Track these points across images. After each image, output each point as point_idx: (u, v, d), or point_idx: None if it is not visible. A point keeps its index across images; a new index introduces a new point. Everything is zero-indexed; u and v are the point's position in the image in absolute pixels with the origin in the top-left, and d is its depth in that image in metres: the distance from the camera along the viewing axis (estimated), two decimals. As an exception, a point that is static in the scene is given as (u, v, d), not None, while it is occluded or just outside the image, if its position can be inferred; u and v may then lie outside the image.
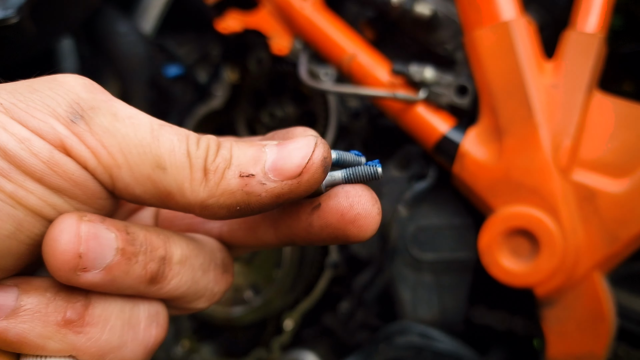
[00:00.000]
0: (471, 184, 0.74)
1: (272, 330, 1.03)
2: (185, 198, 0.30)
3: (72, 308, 0.30)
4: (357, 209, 0.31)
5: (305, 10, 0.86)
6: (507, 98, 0.71)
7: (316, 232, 0.32)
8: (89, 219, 0.29)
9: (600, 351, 0.69)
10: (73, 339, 0.30)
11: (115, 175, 0.29)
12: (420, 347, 0.79)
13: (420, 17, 0.79)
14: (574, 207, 0.69)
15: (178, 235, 0.34)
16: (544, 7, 0.80)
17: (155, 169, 0.29)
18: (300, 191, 0.30)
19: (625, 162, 0.68)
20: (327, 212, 0.31)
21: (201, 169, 0.29)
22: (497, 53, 0.71)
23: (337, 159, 0.32)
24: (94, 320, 0.30)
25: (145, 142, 0.29)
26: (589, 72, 0.69)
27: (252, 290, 0.99)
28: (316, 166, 0.29)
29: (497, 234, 0.71)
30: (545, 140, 0.69)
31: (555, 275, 0.69)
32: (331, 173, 0.32)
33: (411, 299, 0.83)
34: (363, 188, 0.32)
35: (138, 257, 0.30)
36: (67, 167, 0.28)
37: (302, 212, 0.33)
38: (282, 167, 0.29)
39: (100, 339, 0.30)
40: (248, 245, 0.38)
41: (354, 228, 0.31)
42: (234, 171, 0.30)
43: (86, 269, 0.28)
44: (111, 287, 0.30)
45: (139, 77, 0.91)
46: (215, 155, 0.30)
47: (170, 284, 0.32)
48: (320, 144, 0.30)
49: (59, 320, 0.29)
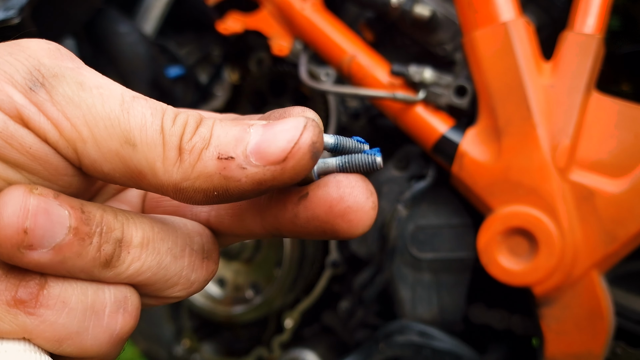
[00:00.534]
0: (470, 184, 0.74)
1: (273, 329, 1.04)
2: (158, 179, 0.27)
3: (25, 287, 0.27)
4: (348, 202, 0.28)
5: (306, 11, 0.86)
6: (505, 98, 0.71)
7: (302, 224, 0.29)
8: (40, 192, 0.26)
9: (598, 350, 0.69)
10: (25, 321, 0.27)
11: (80, 150, 0.27)
12: (419, 345, 0.79)
13: (419, 18, 0.80)
14: (572, 206, 0.69)
15: (142, 217, 0.31)
16: (542, 8, 0.80)
17: (124, 145, 0.26)
18: (284, 179, 0.27)
19: (623, 162, 0.68)
20: (315, 202, 0.28)
21: (175, 148, 0.27)
22: (495, 54, 0.71)
23: (335, 144, 0.29)
24: (50, 301, 0.28)
25: (114, 114, 0.26)
26: (587, 73, 0.69)
27: (252, 289, 1.00)
28: (302, 152, 0.26)
29: (496, 234, 0.71)
30: (544, 140, 0.69)
31: (553, 275, 0.69)
32: (324, 160, 0.29)
33: (410, 298, 0.83)
34: (357, 178, 0.28)
35: (92, 238, 0.27)
36: (24, 140, 0.26)
37: (289, 201, 0.30)
38: (265, 151, 0.26)
39: (57, 323, 0.28)
40: (235, 234, 0.36)
41: (343, 223, 0.28)
42: (212, 152, 0.27)
43: (32, 246, 0.26)
44: (61, 269, 0.27)
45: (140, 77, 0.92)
46: (193, 134, 0.27)
47: (129, 268, 0.29)
48: (310, 126, 0.26)
49: (9, 300, 0.27)
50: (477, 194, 0.74)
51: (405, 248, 0.83)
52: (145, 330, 1.14)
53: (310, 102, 0.97)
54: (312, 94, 0.95)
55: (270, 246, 0.98)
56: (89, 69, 0.29)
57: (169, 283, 0.32)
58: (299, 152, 0.26)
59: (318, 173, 0.29)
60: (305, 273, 0.96)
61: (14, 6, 0.64)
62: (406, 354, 0.80)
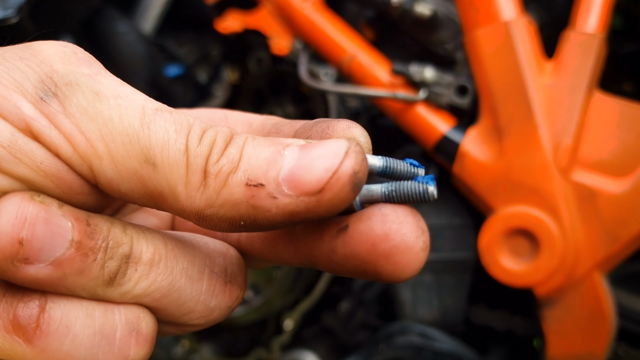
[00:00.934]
0: (471, 184, 0.74)
1: (272, 330, 1.03)
2: (179, 203, 0.24)
3: (24, 308, 0.24)
4: (394, 240, 0.24)
5: (305, 10, 0.86)
6: (507, 98, 0.71)
7: (339, 261, 0.26)
8: (41, 200, 0.23)
9: (600, 351, 0.69)
10: (25, 351, 0.24)
11: (96, 168, 0.24)
12: (420, 347, 0.79)
13: (420, 17, 0.79)
14: (574, 207, 0.69)
15: (155, 232, 0.28)
16: (544, 7, 0.80)
17: (143, 165, 0.24)
18: (320, 212, 0.23)
19: (625, 162, 0.68)
20: (355, 238, 0.25)
21: (200, 171, 0.24)
22: (497, 53, 0.71)
23: (383, 167, 0.25)
24: (51, 327, 0.24)
25: (132, 129, 0.24)
26: (589, 72, 0.69)
27: (252, 290, 0.99)
28: (342, 183, 0.23)
29: (497, 234, 0.71)
30: (546, 140, 0.69)
31: (555, 275, 0.69)
32: (368, 187, 0.25)
33: (411, 299, 0.83)
34: (407, 212, 0.25)
35: (97, 254, 0.24)
36: (34, 155, 0.23)
37: (326, 232, 0.26)
38: (299, 180, 0.23)
39: (60, 351, 0.24)
40: (266, 259, 0.32)
41: (388, 265, 0.24)
42: (241, 177, 0.24)
43: (28, 260, 0.23)
44: (60, 287, 0.24)
45: (139, 77, 0.91)
46: (220, 155, 0.24)
47: (136, 287, 0.26)
48: (353, 153, 0.23)
49: (6, 324, 0.24)
50: (478, 194, 0.74)
51: (405, 249, 0.82)
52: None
53: (310, 101, 0.96)
54: (312, 93, 0.95)
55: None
56: (108, 75, 0.26)
57: (185, 308, 0.28)
58: (337, 184, 0.23)
59: (361, 202, 0.26)
60: (305, 274, 0.95)
61: (12, 5, 0.63)
62: (407, 355, 0.80)
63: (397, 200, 0.25)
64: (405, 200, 0.25)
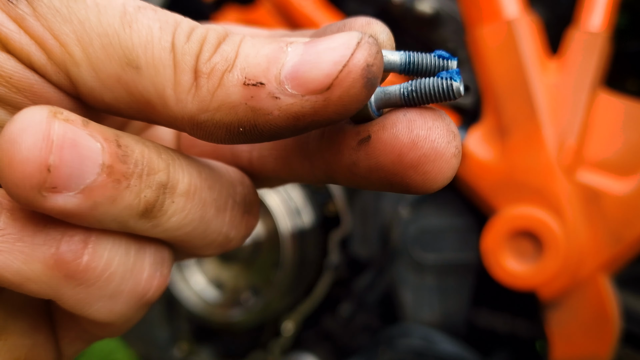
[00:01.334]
0: (474, 184, 0.73)
1: (272, 333, 1.03)
2: (169, 110, 0.22)
3: (69, 244, 0.22)
4: (423, 148, 0.21)
5: (305, 7, 0.85)
6: (510, 97, 0.70)
7: (362, 174, 0.23)
8: (65, 118, 0.20)
9: (605, 354, 0.68)
10: (60, 285, 0.22)
11: (74, 76, 0.22)
12: (421, 350, 0.78)
13: (421, 15, 0.79)
14: (578, 207, 0.68)
15: (188, 158, 0.25)
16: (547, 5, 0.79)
17: (126, 68, 0.21)
18: (329, 113, 0.21)
19: (630, 162, 0.67)
20: (379, 149, 0.22)
21: (190, 70, 0.21)
22: (500, 51, 0.70)
23: (405, 62, 0.22)
24: (94, 263, 0.22)
25: (112, 30, 0.21)
26: (594, 71, 0.68)
27: (251, 292, 0.99)
28: (353, 77, 0.20)
29: (500, 236, 0.70)
30: (549, 140, 0.68)
31: (559, 277, 0.68)
32: (384, 89, 0.22)
33: (413, 301, 0.83)
34: (435, 116, 0.22)
35: (130, 179, 0.22)
36: (2, 67, 0.21)
37: (346, 144, 0.24)
38: (304, 76, 0.20)
39: (93, 286, 0.23)
40: (280, 177, 0.30)
41: (417, 175, 0.22)
42: (237, 76, 0.21)
43: (56, 188, 0.20)
44: (89, 218, 0.22)
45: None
46: (213, 52, 0.22)
47: (169, 221, 0.24)
48: (366, 44, 0.20)
49: (48, 258, 0.22)
50: (480, 195, 0.73)
51: (407, 250, 0.82)
52: (141, 332, 1.13)
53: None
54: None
55: (269, 249, 0.97)
56: None
57: (207, 241, 0.26)
58: (348, 78, 0.20)
59: (377, 107, 0.23)
60: (305, 276, 0.95)
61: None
62: (408, 358, 0.79)
63: (418, 101, 0.22)
64: (427, 100, 0.22)
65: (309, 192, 0.97)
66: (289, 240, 0.89)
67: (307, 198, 0.96)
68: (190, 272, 1.02)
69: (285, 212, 0.91)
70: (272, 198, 0.90)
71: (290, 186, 0.95)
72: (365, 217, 0.87)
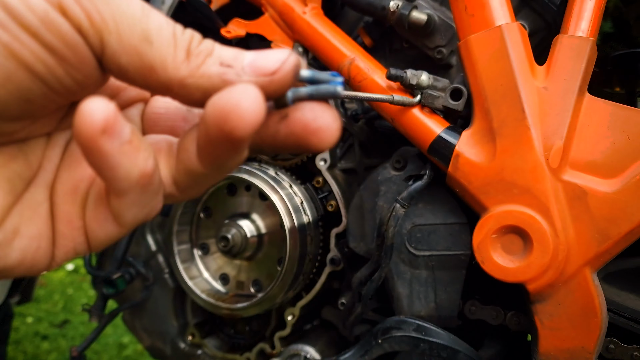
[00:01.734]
0: (465, 184, 0.75)
1: (274, 325, 1.05)
2: (167, 73, 0.31)
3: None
4: (320, 122, 0.33)
5: (306, 15, 0.88)
6: (500, 100, 0.72)
7: (281, 140, 0.35)
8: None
9: (591, 345, 0.70)
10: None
11: (105, 40, 0.30)
12: (416, 340, 0.80)
13: (416, 22, 0.81)
14: (565, 206, 0.69)
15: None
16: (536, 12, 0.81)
17: (143, 42, 0.31)
18: (272, 88, 0.32)
19: (615, 162, 0.68)
20: (293, 122, 0.34)
21: (185, 49, 0.31)
22: (490, 56, 0.72)
23: (311, 76, 0.35)
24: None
25: (136, 16, 0.31)
26: (581, 76, 0.70)
27: (254, 286, 1.01)
28: (288, 68, 0.32)
29: (491, 232, 0.72)
30: (538, 142, 0.70)
31: (546, 272, 0.70)
32: (296, 89, 0.35)
33: (408, 294, 0.84)
34: (327, 106, 0.34)
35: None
36: (61, 27, 0.29)
37: (271, 120, 0.35)
38: (258, 65, 0.32)
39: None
40: None
41: (315, 139, 0.34)
42: (215, 59, 0.32)
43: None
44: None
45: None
46: (199, 44, 0.32)
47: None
48: (295, 54, 0.33)
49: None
50: (472, 194, 0.75)
51: (402, 245, 0.84)
52: (148, 326, 1.15)
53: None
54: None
55: (272, 244, 1.00)
56: None
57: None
58: (286, 68, 0.32)
59: (291, 99, 0.34)
60: (306, 270, 0.97)
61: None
62: (404, 348, 0.81)
63: (317, 97, 0.34)
64: (322, 97, 0.34)
65: (310, 189, 0.99)
66: (293, 235, 0.91)
67: (309, 195, 0.99)
68: (197, 267, 1.05)
69: (291, 208, 0.92)
70: (277, 194, 0.92)
71: (294, 183, 0.97)
72: (362, 215, 0.89)
